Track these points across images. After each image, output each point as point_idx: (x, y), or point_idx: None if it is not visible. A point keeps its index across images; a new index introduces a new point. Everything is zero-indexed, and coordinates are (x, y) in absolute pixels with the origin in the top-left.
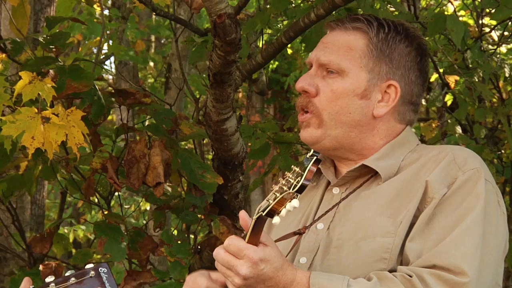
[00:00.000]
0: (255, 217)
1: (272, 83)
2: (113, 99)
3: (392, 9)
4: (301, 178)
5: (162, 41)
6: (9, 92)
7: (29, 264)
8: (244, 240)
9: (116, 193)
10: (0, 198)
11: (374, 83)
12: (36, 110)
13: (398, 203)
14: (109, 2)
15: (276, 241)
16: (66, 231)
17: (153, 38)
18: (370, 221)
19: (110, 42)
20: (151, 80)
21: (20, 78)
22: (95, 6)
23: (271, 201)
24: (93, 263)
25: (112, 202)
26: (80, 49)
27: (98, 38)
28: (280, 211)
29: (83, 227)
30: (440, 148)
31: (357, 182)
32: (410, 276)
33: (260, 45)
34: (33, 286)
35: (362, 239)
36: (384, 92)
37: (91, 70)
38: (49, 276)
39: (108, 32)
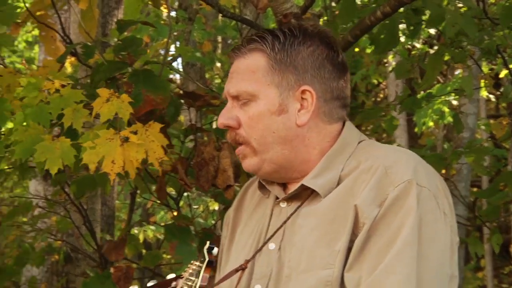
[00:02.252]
0: None
1: None
2: (182, 101)
3: (460, 5)
4: (197, 281)
5: (229, 42)
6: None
7: (100, 264)
8: None
9: (185, 194)
10: (72, 199)
11: (287, 95)
12: (114, 132)
13: (335, 227)
14: (176, 4)
15: (219, 281)
16: (136, 231)
17: (219, 38)
18: (311, 251)
19: (177, 43)
20: (218, 81)
21: (91, 81)
22: (162, 8)
23: None
24: (163, 264)
25: (181, 203)
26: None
27: (165, 40)
28: None
29: (152, 227)
30: (376, 154)
31: (301, 198)
32: None
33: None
34: None
35: (304, 272)
36: (301, 99)
37: (159, 72)
38: (152, 281)
39: (175, 33)
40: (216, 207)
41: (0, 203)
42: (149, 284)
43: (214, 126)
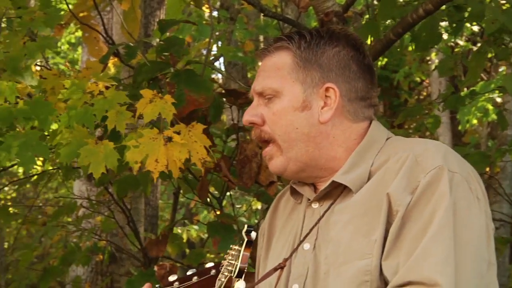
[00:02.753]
0: None
1: (381, 80)
2: (224, 99)
3: (503, 1)
4: (237, 263)
5: (271, 41)
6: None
7: (144, 264)
8: None
9: (228, 193)
10: (116, 199)
11: (311, 92)
12: (158, 131)
13: (370, 218)
14: (218, 4)
15: (258, 281)
16: (179, 231)
17: (261, 38)
18: (348, 244)
19: (219, 43)
20: None
21: (133, 82)
22: (204, 8)
23: (222, 279)
24: (206, 263)
25: (224, 202)
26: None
27: (207, 39)
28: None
29: (196, 227)
30: (405, 145)
31: (332, 196)
32: None
33: (368, 42)
34: (158, 285)
35: (342, 264)
36: (324, 97)
37: (201, 72)
38: (172, 275)
39: (217, 33)
40: (259, 206)
41: (45, 203)
42: (189, 272)
43: None
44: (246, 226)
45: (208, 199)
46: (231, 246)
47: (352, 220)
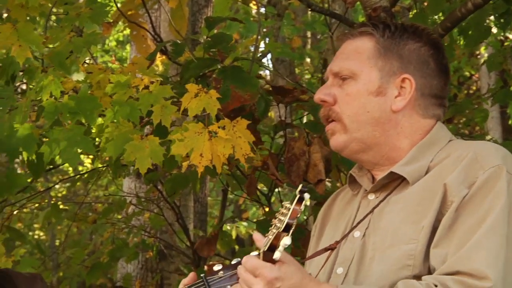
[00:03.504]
0: (261, 251)
1: None
2: (271, 97)
3: None
4: (286, 219)
5: (318, 37)
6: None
7: (194, 261)
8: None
9: (276, 190)
10: (165, 197)
11: (387, 80)
12: (203, 126)
13: (422, 207)
14: (265, 0)
15: (309, 257)
16: (228, 228)
17: (309, 34)
18: (396, 229)
19: (267, 39)
20: (308, 76)
21: (181, 79)
22: (251, 4)
23: (270, 237)
24: None
25: (273, 199)
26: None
27: (255, 36)
28: (279, 246)
29: (245, 223)
30: (466, 145)
31: (389, 188)
32: (436, 286)
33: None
34: (202, 274)
35: (389, 248)
36: (400, 87)
37: (249, 68)
38: (217, 265)
39: (264, 30)
40: (308, 203)
41: (95, 201)
42: (233, 262)
43: (304, 121)
44: (301, 185)
45: (257, 196)
46: (282, 203)
47: (404, 208)
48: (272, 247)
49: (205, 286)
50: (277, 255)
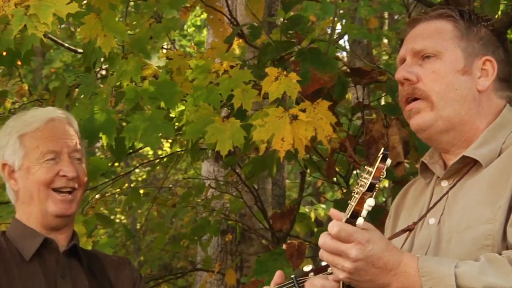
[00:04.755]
0: (343, 221)
1: None
2: (348, 78)
3: None
4: (369, 180)
5: (395, 17)
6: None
7: (273, 243)
8: None
9: (354, 172)
10: (243, 180)
11: (471, 61)
12: (283, 110)
13: (497, 188)
14: None
15: (388, 239)
16: (307, 210)
17: (386, 14)
18: (472, 211)
19: (343, 21)
20: (385, 57)
21: (258, 62)
22: None
23: (352, 203)
24: None
25: (351, 181)
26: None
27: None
28: (361, 211)
29: (323, 205)
30: None
31: (462, 173)
32: None
33: (496, 16)
34: (293, 275)
35: (465, 230)
36: (481, 69)
37: (326, 50)
38: (307, 266)
39: (341, 11)
40: (386, 184)
41: (175, 185)
42: (323, 263)
43: (382, 103)
44: (383, 149)
45: (335, 178)
46: (364, 167)
47: (479, 191)
48: (355, 214)
49: (294, 287)
50: (360, 221)
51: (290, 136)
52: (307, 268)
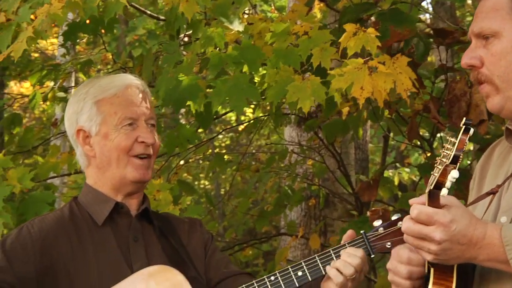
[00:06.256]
0: (426, 191)
1: None
2: (431, 39)
3: None
4: (452, 152)
5: None
6: (334, 45)
7: (356, 208)
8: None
9: (438, 135)
10: (325, 144)
11: None
12: (362, 61)
13: None
14: None
15: (471, 203)
16: (390, 174)
17: None
18: None
19: None
20: (469, 19)
21: (341, 27)
22: None
23: (436, 174)
24: None
25: (435, 144)
26: None
27: None
28: (445, 182)
29: (407, 169)
30: None
31: None
32: None
33: None
34: (362, 231)
35: None
36: None
37: (407, 11)
38: (377, 221)
39: None
40: (471, 147)
41: (258, 150)
42: (393, 217)
43: None
44: (464, 118)
45: (419, 142)
46: (447, 138)
47: None
48: (438, 185)
49: (364, 243)
50: (444, 192)
51: (369, 85)
52: (377, 223)
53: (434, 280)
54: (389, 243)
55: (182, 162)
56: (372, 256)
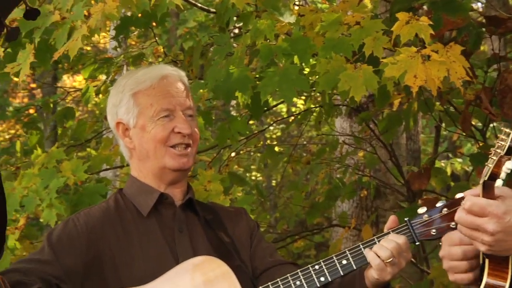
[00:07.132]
0: (481, 183)
1: None
2: (483, 29)
3: None
4: (507, 143)
5: None
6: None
7: (408, 198)
8: None
9: (491, 125)
10: (378, 136)
11: None
12: (416, 50)
13: None
14: None
15: None
16: (443, 164)
17: None
18: None
19: None
20: None
21: (392, 16)
22: None
23: (490, 165)
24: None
25: (488, 134)
26: None
27: None
28: (500, 174)
29: (460, 160)
30: None
31: None
32: None
33: None
34: (407, 218)
35: None
36: None
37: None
38: (421, 208)
39: None
40: None
41: (309, 141)
42: (438, 204)
43: None
44: None
45: (471, 132)
46: (501, 128)
47: None
48: (493, 176)
49: (409, 230)
50: (499, 183)
51: (423, 74)
52: (421, 210)
53: (489, 271)
54: (434, 230)
55: (233, 154)
56: (417, 243)
